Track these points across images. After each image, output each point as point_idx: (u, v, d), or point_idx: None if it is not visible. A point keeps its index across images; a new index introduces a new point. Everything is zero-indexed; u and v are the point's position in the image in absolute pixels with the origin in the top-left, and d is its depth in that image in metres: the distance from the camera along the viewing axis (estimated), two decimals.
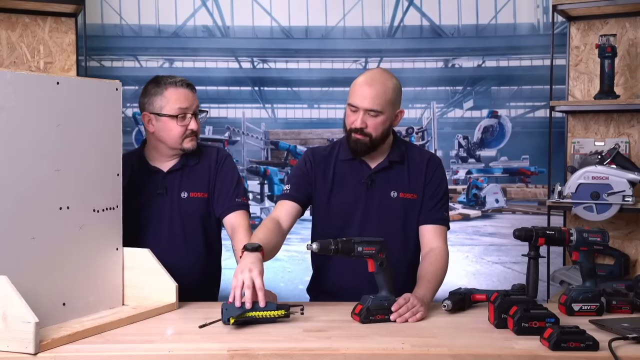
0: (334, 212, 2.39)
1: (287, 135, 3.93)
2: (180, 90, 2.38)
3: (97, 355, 1.71)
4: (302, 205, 2.38)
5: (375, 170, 2.38)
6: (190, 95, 2.40)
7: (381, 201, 2.36)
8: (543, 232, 2.10)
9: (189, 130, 2.39)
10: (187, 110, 2.38)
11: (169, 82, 2.39)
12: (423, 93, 3.87)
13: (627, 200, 2.97)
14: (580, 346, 1.69)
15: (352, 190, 2.38)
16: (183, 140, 2.39)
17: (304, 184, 2.39)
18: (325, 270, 2.43)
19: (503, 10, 3.80)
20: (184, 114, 2.37)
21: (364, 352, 1.72)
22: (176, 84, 2.39)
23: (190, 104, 2.39)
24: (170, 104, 2.37)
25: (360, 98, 2.27)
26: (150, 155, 2.47)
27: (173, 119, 2.36)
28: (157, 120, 2.38)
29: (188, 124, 2.38)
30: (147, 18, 3.80)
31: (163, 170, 2.44)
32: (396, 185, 2.37)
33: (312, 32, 3.86)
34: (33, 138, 1.82)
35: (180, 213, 2.42)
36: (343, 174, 2.40)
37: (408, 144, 2.49)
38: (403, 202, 2.36)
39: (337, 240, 1.99)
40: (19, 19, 3.31)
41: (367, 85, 2.27)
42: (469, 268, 3.81)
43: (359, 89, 2.28)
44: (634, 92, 3.32)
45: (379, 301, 1.99)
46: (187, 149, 2.41)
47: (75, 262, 1.95)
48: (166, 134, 2.39)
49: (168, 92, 2.37)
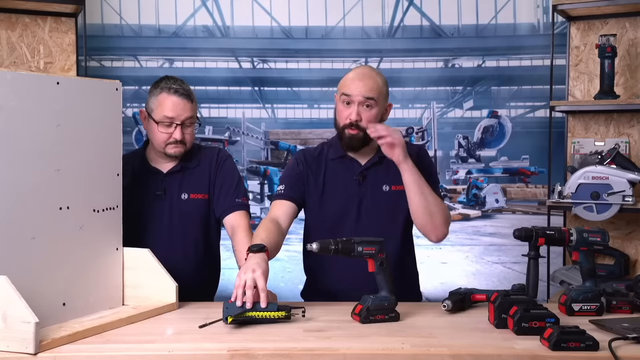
0: (327, 211, 2.40)
1: (287, 135, 3.93)
2: (171, 98, 2.35)
3: (97, 355, 1.71)
4: (298, 205, 2.39)
5: (367, 166, 2.40)
6: (182, 104, 2.35)
7: (374, 196, 2.37)
8: (543, 232, 2.10)
9: (172, 138, 2.36)
10: (174, 119, 2.34)
11: (165, 86, 2.36)
12: (423, 93, 3.87)
13: (627, 200, 2.97)
14: (580, 346, 1.69)
15: (345, 188, 2.39)
16: (166, 146, 2.38)
17: (298, 183, 2.40)
18: (320, 274, 2.43)
19: (503, 10, 3.80)
20: (170, 123, 2.35)
21: (364, 352, 1.72)
22: (169, 90, 2.35)
23: (177, 114, 2.34)
24: (158, 110, 2.35)
25: (355, 88, 2.30)
26: (150, 156, 2.47)
27: (159, 124, 2.35)
28: (147, 120, 2.40)
29: (172, 132, 2.35)
30: (147, 18, 3.80)
31: (163, 171, 2.44)
32: (387, 178, 2.38)
33: (312, 32, 3.86)
34: (33, 138, 1.82)
35: (180, 214, 2.42)
36: (334, 173, 2.41)
37: None
38: (396, 194, 2.37)
39: (337, 240, 1.99)
40: (19, 19, 3.31)
41: (359, 77, 2.31)
42: (469, 268, 3.81)
43: (351, 82, 2.31)
44: (634, 92, 3.32)
45: (379, 301, 1.98)
46: (170, 154, 2.40)
47: (75, 262, 1.95)
48: (152, 136, 2.41)
49: (161, 96, 2.36)
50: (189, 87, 2.41)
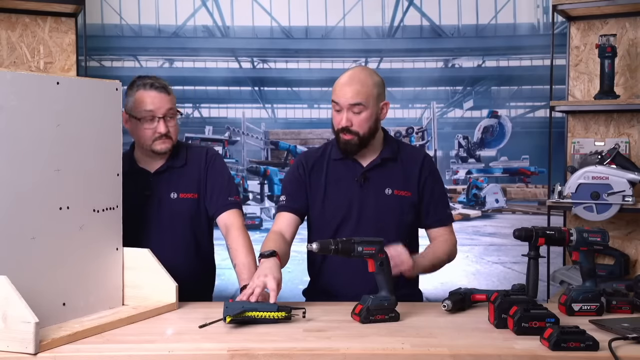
0: (329, 211, 2.40)
1: (287, 135, 3.93)
2: (148, 92, 2.36)
3: (97, 355, 1.71)
4: (301, 215, 2.42)
5: (368, 167, 2.39)
6: (159, 97, 2.37)
7: (377, 198, 2.37)
8: (543, 232, 2.10)
9: (157, 133, 2.37)
10: (155, 112, 2.36)
11: (139, 84, 2.38)
12: (423, 93, 3.87)
13: (627, 200, 2.97)
14: (580, 346, 1.69)
15: (346, 189, 2.39)
16: (153, 142, 2.38)
17: (299, 192, 2.42)
18: (323, 274, 2.43)
19: (503, 10, 3.80)
20: (152, 117, 2.36)
21: (364, 352, 1.71)
22: (145, 86, 2.37)
23: (157, 107, 2.36)
24: (138, 107, 2.36)
25: (342, 95, 2.30)
26: (137, 157, 2.47)
27: (140, 121, 2.36)
28: (130, 121, 2.39)
29: (155, 126, 2.36)
30: (147, 18, 3.80)
31: (150, 171, 2.44)
32: (390, 182, 2.38)
33: (312, 32, 3.86)
34: (33, 138, 1.82)
35: (169, 214, 2.42)
36: (336, 173, 2.41)
37: (400, 142, 2.50)
38: (398, 199, 2.37)
39: (337, 240, 1.99)
40: (19, 19, 3.31)
41: (347, 82, 2.30)
42: (469, 268, 3.81)
43: (339, 88, 2.32)
44: (634, 92, 3.32)
45: (378, 301, 1.98)
46: (158, 151, 2.40)
47: (75, 262, 1.95)
48: (137, 136, 2.40)
49: (138, 94, 2.37)
50: (164, 81, 2.43)
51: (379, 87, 2.35)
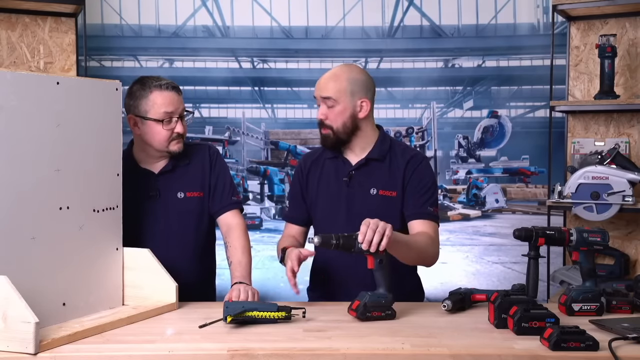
0: (322, 209, 2.43)
1: (287, 135, 3.93)
2: (165, 93, 2.33)
3: (97, 355, 1.71)
4: (306, 223, 2.50)
5: (355, 167, 2.40)
6: (176, 98, 2.36)
7: (362, 198, 2.37)
8: (543, 232, 2.10)
9: (175, 133, 2.36)
10: (173, 114, 2.34)
11: (154, 84, 2.34)
12: (423, 93, 3.87)
13: (627, 200, 2.97)
14: (580, 346, 1.69)
15: (335, 188, 2.41)
16: (169, 144, 2.36)
17: (300, 200, 2.48)
18: (327, 272, 2.43)
19: (503, 10, 3.80)
20: (170, 118, 2.34)
21: (364, 352, 1.72)
22: (161, 87, 2.34)
23: (175, 108, 2.35)
24: (156, 108, 2.33)
25: (317, 88, 2.36)
26: (139, 157, 2.44)
27: (159, 123, 2.33)
28: (143, 123, 2.35)
29: (174, 127, 2.35)
30: (147, 18, 3.80)
31: (154, 172, 2.42)
32: (376, 182, 2.37)
33: (312, 32, 3.86)
34: (33, 138, 1.82)
35: (177, 213, 2.41)
36: (328, 172, 2.44)
37: (394, 142, 2.46)
38: (383, 199, 2.36)
39: (338, 235, 1.99)
40: (19, 19, 3.31)
41: (324, 77, 2.37)
42: (469, 268, 3.81)
43: (317, 83, 2.38)
44: (634, 92, 3.32)
45: (376, 298, 1.99)
46: (174, 151, 2.38)
47: (75, 262, 1.95)
48: (152, 138, 2.36)
49: (153, 95, 2.33)
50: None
51: (356, 83, 2.32)
